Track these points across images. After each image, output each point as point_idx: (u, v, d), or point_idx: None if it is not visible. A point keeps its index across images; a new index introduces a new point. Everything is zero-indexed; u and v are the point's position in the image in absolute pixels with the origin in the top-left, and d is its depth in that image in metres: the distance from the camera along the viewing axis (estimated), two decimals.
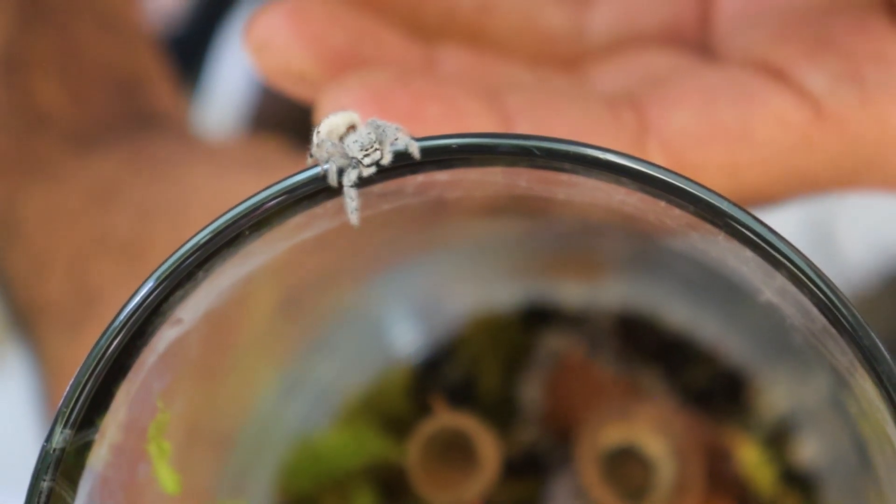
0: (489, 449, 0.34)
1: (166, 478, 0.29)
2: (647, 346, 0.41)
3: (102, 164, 0.44)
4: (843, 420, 0.38)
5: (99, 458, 0.27)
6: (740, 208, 0.25)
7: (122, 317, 0.26)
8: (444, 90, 0.30)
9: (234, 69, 0.64)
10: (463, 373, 0.41)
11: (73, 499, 0.26)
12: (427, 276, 0.39)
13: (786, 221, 0.57)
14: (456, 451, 0.35)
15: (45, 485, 0.26)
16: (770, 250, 0.25)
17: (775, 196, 0.31)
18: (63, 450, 0.26)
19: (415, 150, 0.25)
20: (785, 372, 0.40)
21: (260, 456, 0.38)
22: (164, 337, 0.27)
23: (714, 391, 0.40)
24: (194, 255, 0.25)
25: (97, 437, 0.26)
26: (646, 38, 0.33)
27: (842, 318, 0.25)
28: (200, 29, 0.65)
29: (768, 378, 0.40)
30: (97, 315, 0.42)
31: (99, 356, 0.25)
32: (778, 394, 0.40)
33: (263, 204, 0.25)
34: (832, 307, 0.25)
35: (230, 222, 0.25)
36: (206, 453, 0.35)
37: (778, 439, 0.40)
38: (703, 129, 0.30)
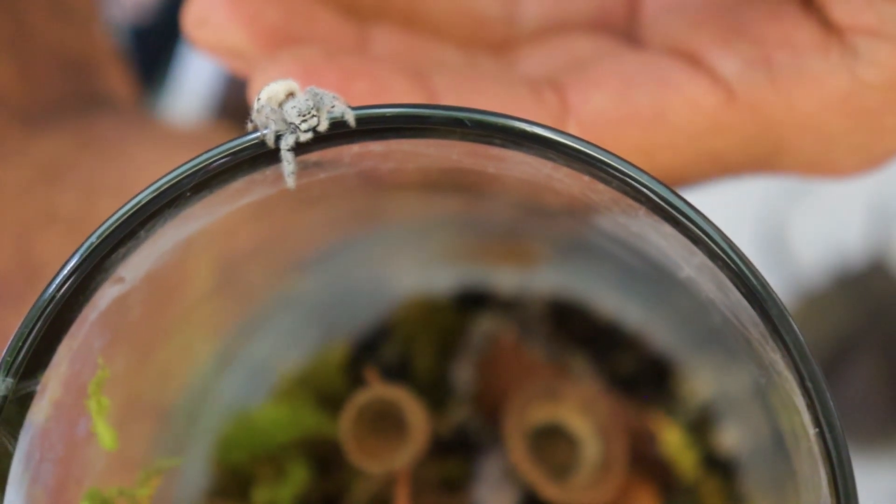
0: (419, 419, 0.35)
1: (104, 434, 0.29)
2: (576, 331, 0.42)
3: (51, 141, 0.45)
4: (763, 411, 0.39)
5: (40, 410, 0.27)
6: (659, 183, 0.26)
7: (65, 270, 0.26)
8: (372, 68, 0.31)
9: (202, 59, 0.65)
10: (398, 353, 0.41)
11: (13, 447, 0.27)
12: (364, 257, 0.40)
13: (739, 221, 0.58)
14: (388, 422, 0.36)
15: None
16: (688, 224, 0.26)
17: (689, 178, 0.32)
18: (5, 397, 0.26)
19: (350, 118, 0.26)
20: (709, 361, 0.41)
21: (195, 427, 0.38)
22: (106, 294, 0.28)
23: (640, 376, 0.41)
24: (137, 213, 0.26)
25: (39, 389, 0.27)
26: (575, 24, 0.34)
27: (753, 290, 0.26)
28: (170, 19, 0.66)
29: (693, 366, 0.41)
30: (42, 289, 0.42)
31: (43, 307, 0.26)
32: (702, 381, 0.41)
33: (205, 165, 0.26)
34: (744, 279, 0.26)
35: (172, 182, 0.26)
36: (143, 424, 0.36)
37: (701, 425, 0.41)
38: (619, 112, 0.31)
